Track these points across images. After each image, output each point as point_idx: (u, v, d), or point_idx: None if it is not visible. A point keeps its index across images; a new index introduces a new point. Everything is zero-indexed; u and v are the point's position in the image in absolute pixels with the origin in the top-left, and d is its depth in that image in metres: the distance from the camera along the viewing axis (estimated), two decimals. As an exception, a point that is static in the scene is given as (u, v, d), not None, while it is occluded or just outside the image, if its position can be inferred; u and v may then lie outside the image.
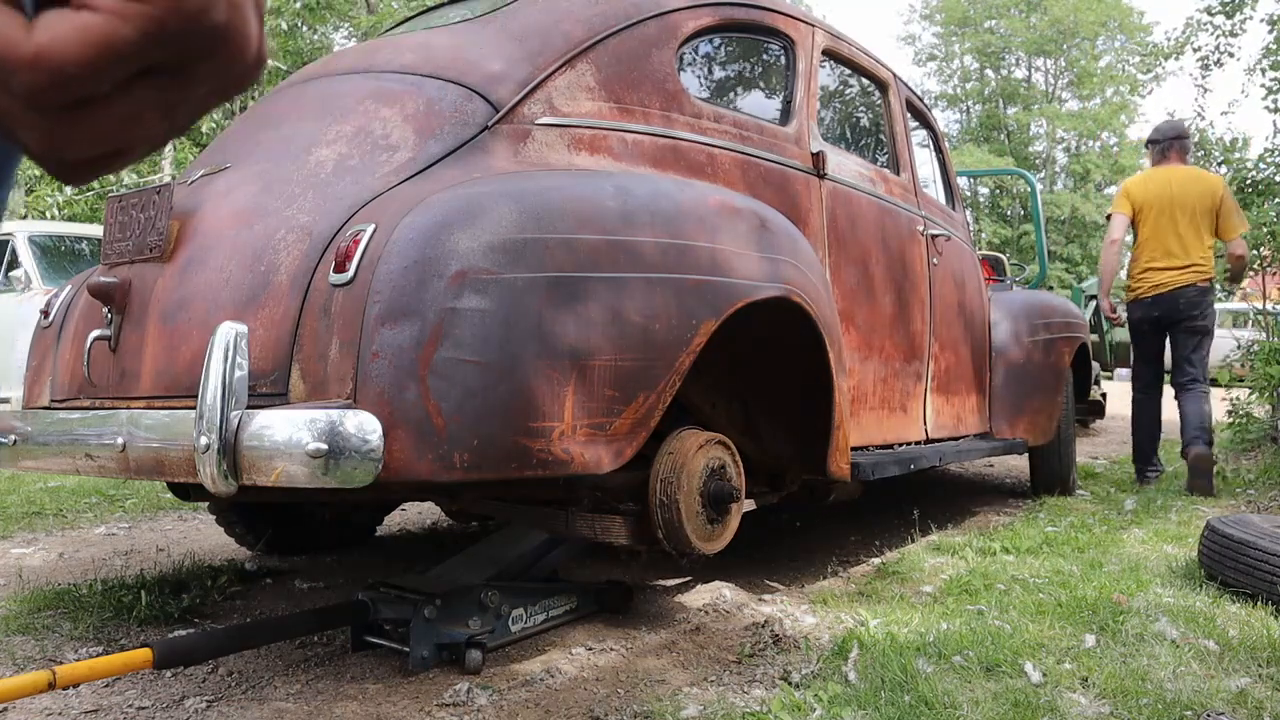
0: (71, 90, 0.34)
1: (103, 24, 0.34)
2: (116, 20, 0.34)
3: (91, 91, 0.35)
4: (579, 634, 2.20)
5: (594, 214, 1.76)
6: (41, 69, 0.33)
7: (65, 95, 0.34)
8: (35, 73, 0.33)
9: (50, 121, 0.35)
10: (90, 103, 0.35)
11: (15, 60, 0.33)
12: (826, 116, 2.98)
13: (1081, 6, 31.66)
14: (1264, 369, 5.15)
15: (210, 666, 1.99)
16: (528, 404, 1.59)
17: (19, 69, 0.33)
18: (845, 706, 1.67)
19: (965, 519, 3.88)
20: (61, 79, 0.34)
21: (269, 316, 1.69)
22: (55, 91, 0.34)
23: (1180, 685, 1.74)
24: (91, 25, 0.33)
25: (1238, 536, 2.39)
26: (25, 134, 0.36)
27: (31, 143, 0.36)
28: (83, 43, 0.33)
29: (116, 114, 0.36)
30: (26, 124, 0.35)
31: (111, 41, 0.34)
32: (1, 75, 0.34)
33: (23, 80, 0.34)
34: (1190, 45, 6.60)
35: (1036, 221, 6.24)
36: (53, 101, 0.35)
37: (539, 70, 2.05)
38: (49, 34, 0.33)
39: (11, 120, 0.36)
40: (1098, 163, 32.13)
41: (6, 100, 0.35)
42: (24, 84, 0.34)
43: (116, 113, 0.36)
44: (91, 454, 1.79)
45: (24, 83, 0.34)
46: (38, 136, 0.36)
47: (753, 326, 2.14)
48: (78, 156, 0.37)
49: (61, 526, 3.60)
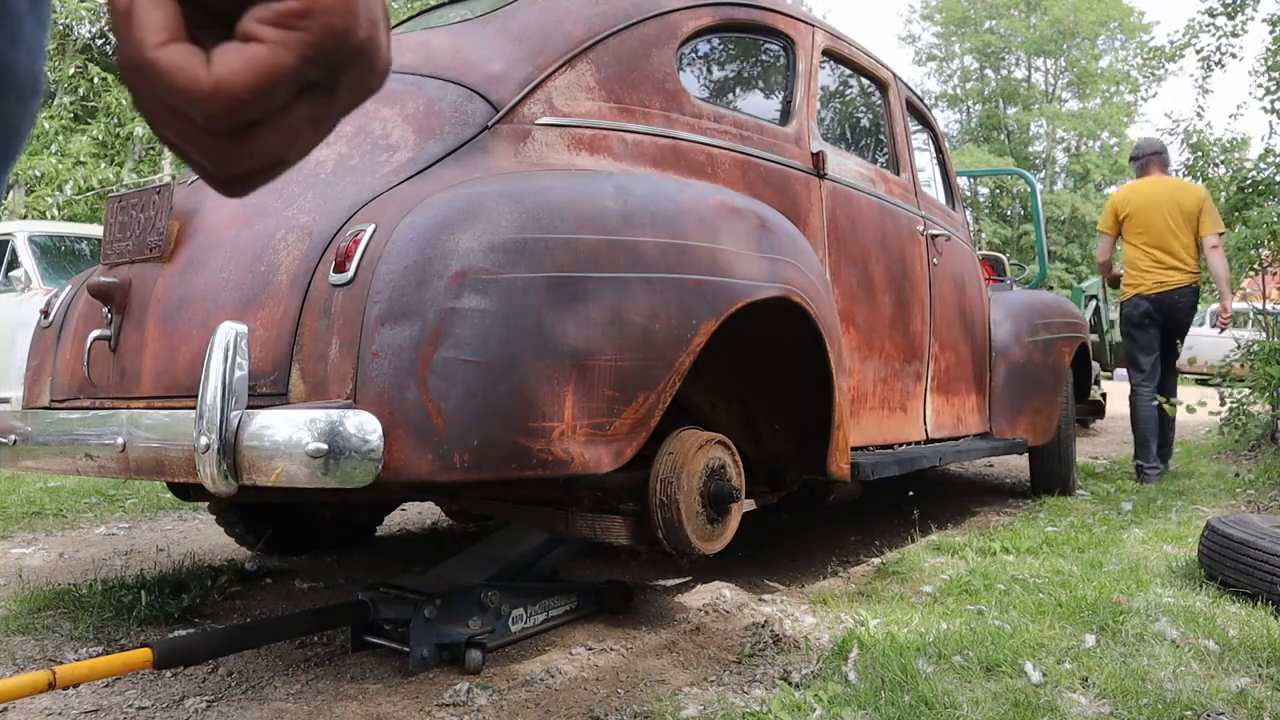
0: (245, 114, 0.39)
1: (268, 54, 0.38)
2: (279, 49, 0.38)
3: (260, 114, 0.39)
4: (579, 634, 2.20)
5: (594, 214, 1.76)
6: (220, 99, 0.38)
7: (239, 119, 0.39)
8: (215, 103, 0.38)
9: (224, 143, 0.40)
10: (257, 124, 0.39)
11: (198, 93, 0.38)
12: (826, 116, 2.98)
13: (1081, 6, 31.65)
14: (1264, 369, 5.15)
15: (210, 666, 1.99)
16: (528, 404, 1.59)
17: (201, 100, 0.38)
18: (845, 706, 1.67)
19: (965, 519, 3.88)
20: (237, 106, 0.38)
21: (269, 316, 1.69)
22: (231, 117, 0.38)
23: (1180, 685, 1.74)
24: (259, 56, 0.38)
25: (1238, 536, 2.39)
26: (201, 155, 0.40)
27: (207, 162, 0.41)
28: (253, 72, 0.38)
29: (279, 130, 0.40)
30: (203, 146, 0.40)
31: (276, 68, 0.38)
32: (186, 106, 0.38)
33: (204, 110, 0.38)
34: (1192, 46, 6.60)
35: (1036, 221, 6.24)
36: (228, 126, 0.39)
37: (539, 70, 2.05)
38: (225, 66, 0.38)
39: (189, 143, 0.40)
40: (1098, 163, 32.12)
41: (185, 126, 0.39)
42: (205, 113, 0.38)
43: (279, 129, 0.40)
44: (91, 454, 1.79)
45: (205, 112, 0.38)
46: (213, 157, 0.40)
47: (753, 326, 2.14)
48: (245, 171, 0.41)
49: (61, 526, 3.60)
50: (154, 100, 0.39)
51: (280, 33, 0.38)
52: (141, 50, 0.38)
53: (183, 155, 0.41)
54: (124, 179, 10.91)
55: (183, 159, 0.42)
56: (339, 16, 0.38)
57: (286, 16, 0.38)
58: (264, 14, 0.38)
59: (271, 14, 0.38)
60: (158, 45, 0.38)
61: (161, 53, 0.38)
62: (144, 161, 12.24)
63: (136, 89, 0.39)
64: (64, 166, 11.46)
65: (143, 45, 0.38)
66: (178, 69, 0.38)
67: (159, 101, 0.39)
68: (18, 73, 0.48)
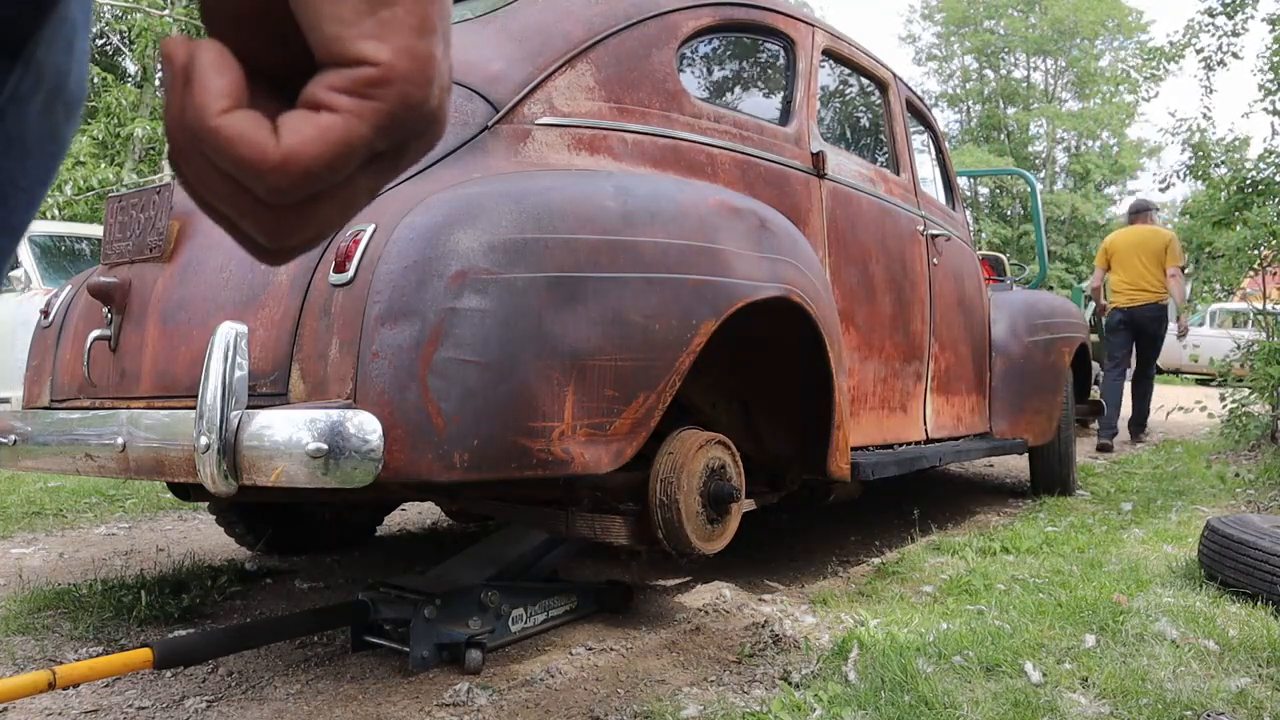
0: (313, 187, 0.36)
1: (343, 123, 0.35)
2: (353, 118, 0.35)
3: (327, 186, 0.37)
4: (579, 634, 2.20)
5: (594, 214, 1.76)
6: (290, 171, 0.35)
7: (304, 193, 0.36)
8: (283, 175, 0.35)
9: (281, 215, 0.37)
10: (317, 195, 0.37)
11: (265, 164, 0.35)
12: (826, 116, 2.98)
13: (1081, 6, 31.64)
14: (1264, 369, 5.15)
15: (210, 666, 1.99)
16: (528, 404, 1.59)
17: (268, 172, 0.35)
18: (845, 706, 1.67)
19: (965, 519, 3.88)
20: (306, 179, 0.36)
21: (269, 316, 1.69)
22: (298, 190, 0.36)
23: (1180, 685, 1.74)
24: (333, 126, 0.35)
25: (1238, 536, 2.39)
26: (253, 227, 0.38)
27: (259, 235, 0.38)
28: (326, 142, 0.35)
29: (339, 201, 0.38)
30: (257, 219, 0.37)
31: (351, 139, 0.36)
32: (248, 177, 0.35)
33: (269, 182, 0.35)
34: (1192, 47, 6.58)
35: (1036, 221, 6.23)
36: (290, 199, 0.36)
37: (539, 70, 2.05)
38: (296, 137, 0.35)
39: (241, 215, 0.37)
40: (1098, 163, 32.10)
41: (239, 197, 0.36)
42: (269, 186, 0.35)
43: (339, 200, 0.38)
44: (91, 454, 1.79)
45: (270, 185, 0.35)
46: (267, 230, 0.38)
47: (753, 326, 2.14)
48: (297, 243, 0.39)
49: (61, 526, 3.60)
50: (206, 169, 0.36)
51: (356, 102, 0.36)
52: (203, 116, 0.35)
53: (228, 226, 0.39)
54: (124, 179, 10.91)
55: (227, 230, 0.39)
56: (414, 86, 0.36)
57: (362, 84, 0.35)
58: (337, 81, 0.36)
59: (347, 81, 0.36)
60: (221, 112, 0.35)
61: (225, 120, 0.35)
62: (144, 161, 12.24)
63: (187, 155, 0.37)
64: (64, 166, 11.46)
65: (205, 111, 0.35)
66: (243, 138, 0.35)
67: (213, 170, 0.36)
68: (70, 83, 0.47)
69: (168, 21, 11.25)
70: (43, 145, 0.46)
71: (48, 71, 0.45)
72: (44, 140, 0.46)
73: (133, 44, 12.23)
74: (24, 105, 0.44)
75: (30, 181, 0.46)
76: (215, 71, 0.36)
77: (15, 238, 0.46)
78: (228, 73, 0.36)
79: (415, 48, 0.36)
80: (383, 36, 0.36)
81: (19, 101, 0.43)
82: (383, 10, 0.36)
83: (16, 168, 0.45)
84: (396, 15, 0.36)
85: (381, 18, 0.36)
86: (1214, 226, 5.87)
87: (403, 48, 0.36)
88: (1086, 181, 31.98)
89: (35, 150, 0.46)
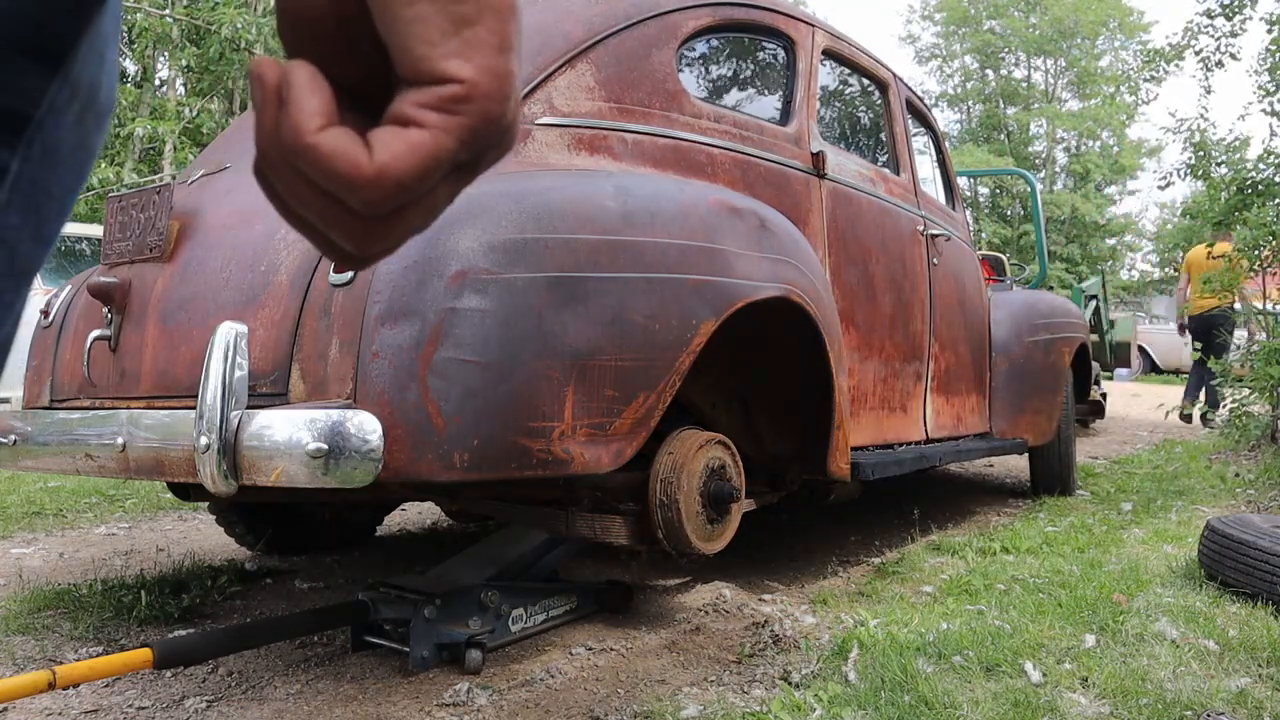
0: (405, 198, 0.38)
1: (431, 138, 0.37)
2: (441, 133, 0.38)
3: (414, 197, 0.39)
4: (579, 634, 2.20)
5: (594, 214, 1.76)
6: (384, 185, 0.37)
7: (395, 204, 0.38)
8: (377, 188, 0.37)
9: (368, 225, 0.39)
10: (405, 205, 0.39)
11: (361, 178, 0.37)
12: (826, 116, 2.98)
13: (1082, 6, 31.62)
14: (1264, 369, 5.15)
15: (210, 666, 1.99)
16: (528, 404, 1.59)
17: (362, 186, 0.37)
18: (845, 706, 1.67)
19: (965, 519, 3.88)
20: (399, 190, 0.38)
21: (269, 316, 1.69)
22: (391, 202, 0.38)
23: (1180, 685, 1.74)
24: (423, 141, 0.37)
25: (1238, 536, 2.39)
26: (343, 236, 0.40)
27: (348, 244, 0.40)
28: (416, 157, 0.37)
29: (424, 209, 0.40)
30: (347, 229, 0.39)
31: (439, 152, 0.38)
32: (343, 191, 0.37)
33: (364, 195, 0.37)
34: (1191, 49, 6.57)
35: (1036, 221, 6.24)
36: (382, 211, 0.38)
37: (539, 70, 2.05)
38: (388, 153, 0.37)
39: (331, 225, 0.39)
40: (1098, 163, 32.06)
41: (331, 209, 0.38)
42: (364, 198, 0.37)
43: (423, 208, 0.40)
44: (91, 454, 1.79)
45: (364, 197, 0.37)
46: (356, 239, 0.40)
47: (753, 326, 2.14)
48: (382, 250, 0.41)
49: (61, 526, 3.60)
50: (299, 183, 0.38)
51: (442, 117, 0.38)
52: (301, 134, 0.37)
53: (314, 236, 0.41)
54: (124, 179, 10.91)
55: (313, 239, 0.41)
56: (495, 102, 0.38)
57: (448, 101, 0.38)
58: (424, 98, 0.38)
59: (434, 99, 0.38)
60: (318, 130, 0.37)
61: (322, 137, 0.37)
62: (144, 161, 12.24)
63: (279, 170, 0.39)
64: (64, 166, 11.39)
65: (302, 130, 0.37)
66: (340, 154, 0.37)
67: (306, 185, 0.38)
68: (101, 95, 0.48)
69: (168, 22, 11.26)
70: (75, 155, 0.47)
71: (82, 83, 0.46)
72: (76, 150, 0.47)
73: (133, 44, 12.22)
74: (60, 116, 0.45)
75: (62, 191, 0.47)
76: (309, 91, 0.38)
77: (48, 246, 0.47)
78: (320, 92, 0.38)
79: (496, 65, 0.38)
80: (466, 55, 0.38)
81: (56, 113, 0.45)
82: (466, 30, 0.38)
83: (50, 177, 0.46)
84: (479, 35, 0.38)
85: (465, 37, 0.38)
86: (1214, 226, 5.86)
87: (485, 66, 0.38)
88: (1086, 181, 31.96)
89: (68, 160, 0.47)
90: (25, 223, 0.45)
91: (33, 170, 0.44)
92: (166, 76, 13.62)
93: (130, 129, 11.13)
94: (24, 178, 0.44)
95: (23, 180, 0.44)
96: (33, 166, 0.44)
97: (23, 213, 0.45)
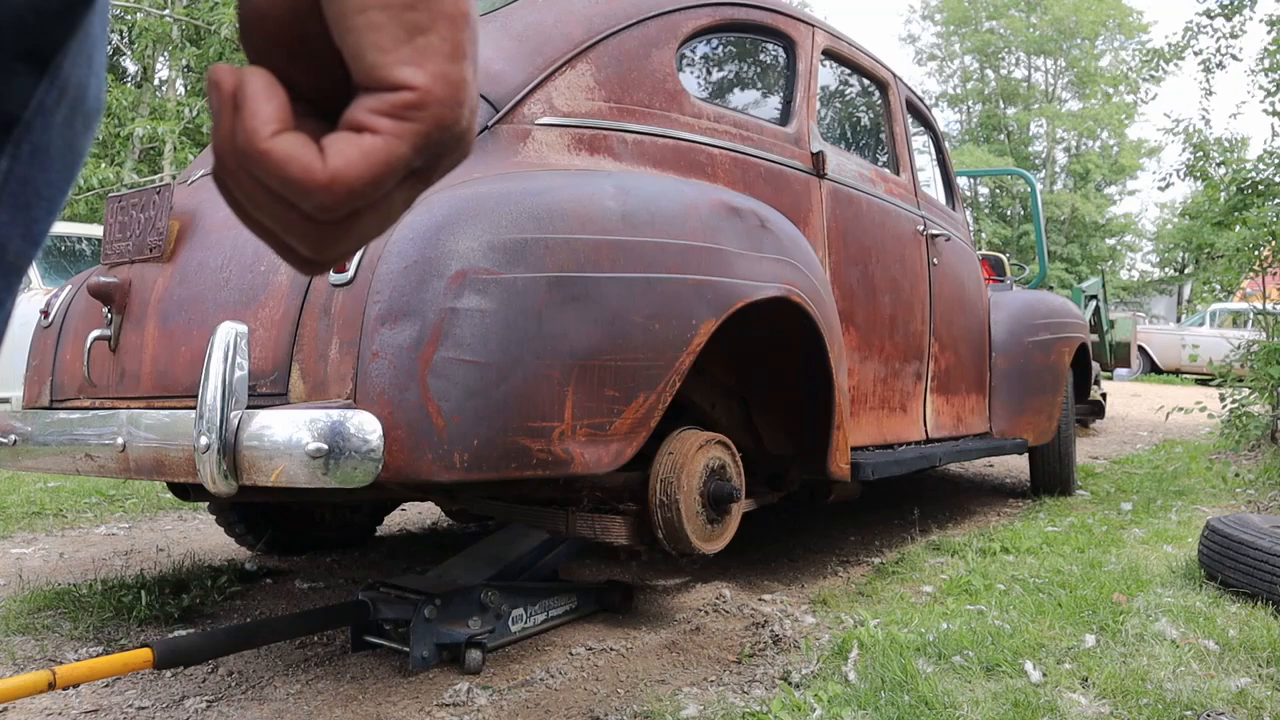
0: (358, 203, 0.39)
1: (384, 144, 0.38)
2: (393, 139, 0.38)
3: (370, 202, 0.39)
4: (579, 634, 2.20)
5: (594, 214, 1.76)
6: (336, 190, 0.38)
7: (349, 209, 0.39)
8: (330, 193, 0.38)
9: (323, 230, 0.40)
10: (359, 210, 0.39)
11: (313, 183, 0.37)
12: (826, 116, 2.98)
13: (1081, 6, 31.62)
14: (1264, 369, 5.15)
15: (210, 666, 1.99)
16: (528, 404, 1.59)
17: (315, 191, 0.38)
18: (845, 706, 1.67)
19: (965, 519, 3.88)
20: (351, 196, 0.38)
21: (269, 316, 1.69)
22: (344, 207, 0.38)
23: (1180, 685, 1.74)
24: (375, 147, 0.38)
25: (1238, 536, 2.39)
26: (299, 241, 0.40)
27: (304, 248, 0.41)
28: (369, 163, 0.38)
29: (378, 215, 0.41)
30: (302, 233, 0.40)
31: (392, 158, 0.38)
32: (297, 196, 0.38)
33: (317, 200, 0.38)
34: (1191, 49, 6.57)
35: (1036, 221, 6.24)
36: (335, 216, 0.39)
37: (539, 70, 2.05)
38: (341, 159, 0.38)
39: (288, 230, 0.40)
40: (1098, 163, 32.07)
41: (287, 214, 0.39)
42: (317, 203, 0.38)
43: (378, 213, 0.41)
44: (91, 454, 1.79)
45: (318, 202, 0.38)
46: (311, 243, 0.40)
47: (753, 326, 2.14)
48: (339, 254, 0.42)
49: (61, 526, 3.60)
50: (255, 189, 0.39)
51: (395, 124, 0.38)
52: (254, 140, 0.37)
53: (273, 241, 0.41)
54: (124, 179, 10.91)
55: (272, 245, 0.42)
56: (448, 108, 0.39)
57: (401, 108, 0.38)
58: (377, 105, 0.38)
59: (386, 105, 0.38)
60: (271, 135, 0.37)
61: (276, 143, 0.37)
62: (144, 161, 12.24)
63: (236, 176, 0.39)
64: (64, 166, 11.39)
65: (256, 135, 0.37)
66: (293, 159, 0.37)
67: (262, 190, 0.38)
68: (89, 96, 0.49)
69: (168, 22, 11.26)
70: (64, 156, 0.48)
71: (71, 85, 0.46)
72: (65, 151, 0.48)
73: (133, 44, 12.23)
74: (49, 117, 0.46)
75: (51, 191, 0.48)
76: (264, 97, 0.38)
77: (37, 245, 0.48)
78: (275, 98, 0.38)
79: (449, 73, 0.39)
80: (419, 63, 0.38)
81: (45, 114, 0.45)
82: (419, 38, 0.38)
83: (40, 178, 0.47)
84: (431, 43, 0.38)
85: (418, 45, 0.38)
86: (1214, 226, 5.87)
87: (437, 73, 0.38)
88: (1086, 181, 31.96)
89: (57, 161, 0.47)
90: (15, 220, 0.46)
91: (22, 170, 0.45)
92: (166, 76, 13.62)
93: (130, 129, 11.13)
94: (13, 177, 0.45)
95: (12, 179, 0.45)
96: (22, 166, 0.45)
97: (12, 211, 0.45)
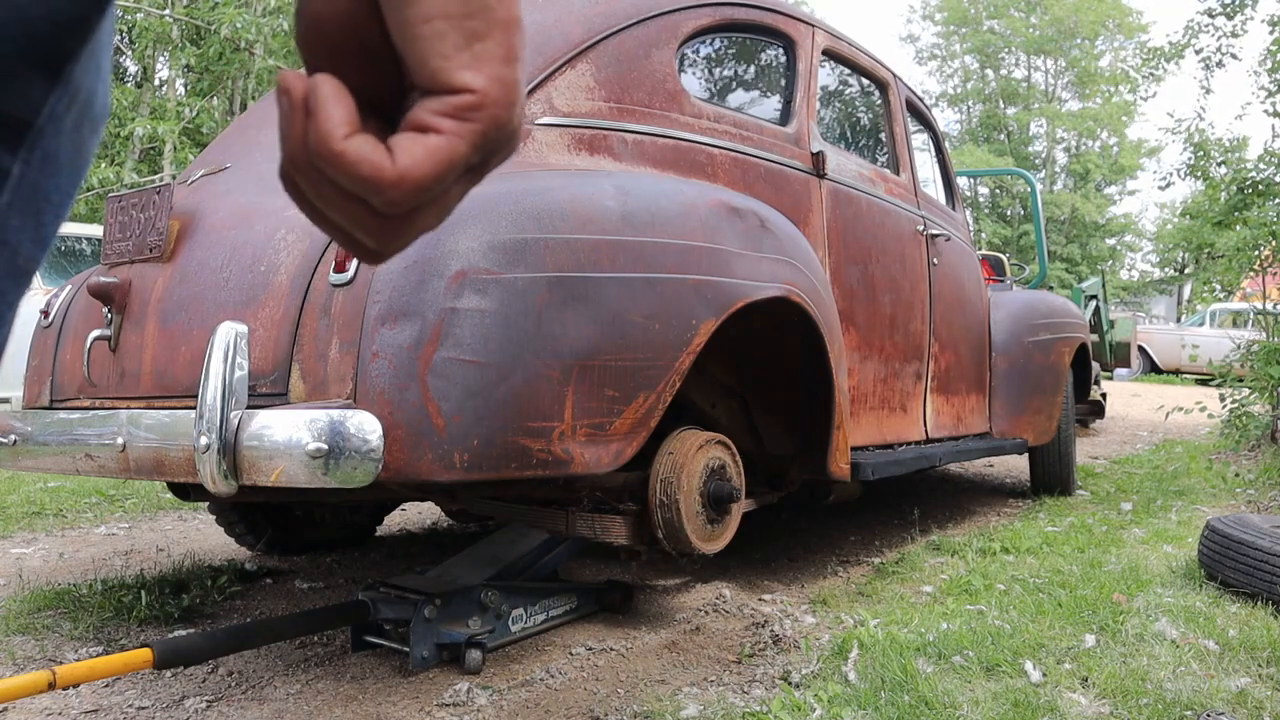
0: (424, 199, 0.42)
1: (447, 144, 0.41)
2: (455, 139, 0.41)
3: (431, 198, 0.42)
4: (579, 634, 2.20)
5: (594, 214, 1.76)
6: (405, 187, 0.40)
7: (415, 204, 0.42)
8: (399, 190, 0.40)
9: (388, 224, 0.43)
10: (422, 205, 0.42)
11: (383, 181, 0.40)
12: (826, 116, 2.98)
13: (1081, 6, 31.61)
14: (1264, 369, 5.15)
15: (210, 666, 1.99)
16: (528, 404, 1.59)
17: (385, 188, 0.40)
18: (845, 706, 1.67)
19: (965, 519, 3.88)
20: (418, 192, 0.41)
21: (269, 316, 1.69)
22: (411, 203, 0.41)
23: (1180, 685, 1.74)
24: (439, 146, 0.41)
25: (1238, 536, 2.39)
26: (366, 235, 0.43)
27: (371, 242, 0.44)
28: (434, 161, 0.41)
29: (438, 207, 0.44)
30: (370, 228, 0.43)
31: (455, 156, 0.41)
32: (368, 193, 0.41)
33: (387, 197, 0.41)
34: (1191, 48, 6.57)
35: (1036, 221, 6.24)
36: (401, 210, 0.42)
37: (539, 70, 2.05)
38: (409, 157, 0.40)
39: (356, 226, 0.43)
40: (1098, 163, 32.07)
41: (356, 211, 0.42)
42: (387, 200, 0.41)
43: (438, 208, 0.44)
44: (91, 454, 1.79)
45: (388, 199, 0.41)
46: (379, 237, 0.43)
47: (753, 326, 2.14)
48: (401, 245, 0.45)
49: (61, 526, 3.60)
50: (326, 188, 0.41)
51: (456, 124, 0.41)
52: (329, 142, 0.40)
53: (340, 235, 0.44)
54: (124, 179, 10.91)
55: (338, 239, 0.44)
56: (504, 108, 0.42)
57: (462, 109, 0.41)
58: (440, 107, 0.41)
59: (448, 107, 0.41)
60: (345, 137, 0.40)
61: (349, 144, 0.40)
62: (144, 161, 12.24)
63: (307, 175, 0.41)
64: (64, 166, 11.37)
65: (330, 137, 0.40)
66: (365, 159, 0.40)
67: (333, 189, 0.41)
68: (96, 102, 0.50)
69: (168, 22, 11.25)
70: (72, 162, 0.49)
71: (80, 92, 0.48)
72: (73, 157, 0.49)
73: (133, 44, 12.22)
74: (59, 123, 0.47)
75: (59, 195, 0.49)
76: (334, 101, 0.40)
77: (45, 249, 0.49)
78: (344, 102, 0.41)
79: (504, 75, 0.42)
80: (478, 67, 0.41)
81: (55, 120, 0.47)
82: (477, 44, 0.41)
83: (50, 183, 0.48)
84: (489, 48, 0.42)
85: (476, 51, 0.41)
86: (1214, 226, 5.87)
87: (494, 76, 0.42)
88: (1086, 181, 31.95)
89: (65, 166, 0.49)
90: (25, 225, 0.47)
91: (33, 175, 0.46)
92: (166, 76, 13.61)
93: (130, 129, 11.13)
94: (25, 182, 0.46)
95: (24, 185, 0.46)
96: (33, 172, 0.46)
97: (23, 216, 0.47)
